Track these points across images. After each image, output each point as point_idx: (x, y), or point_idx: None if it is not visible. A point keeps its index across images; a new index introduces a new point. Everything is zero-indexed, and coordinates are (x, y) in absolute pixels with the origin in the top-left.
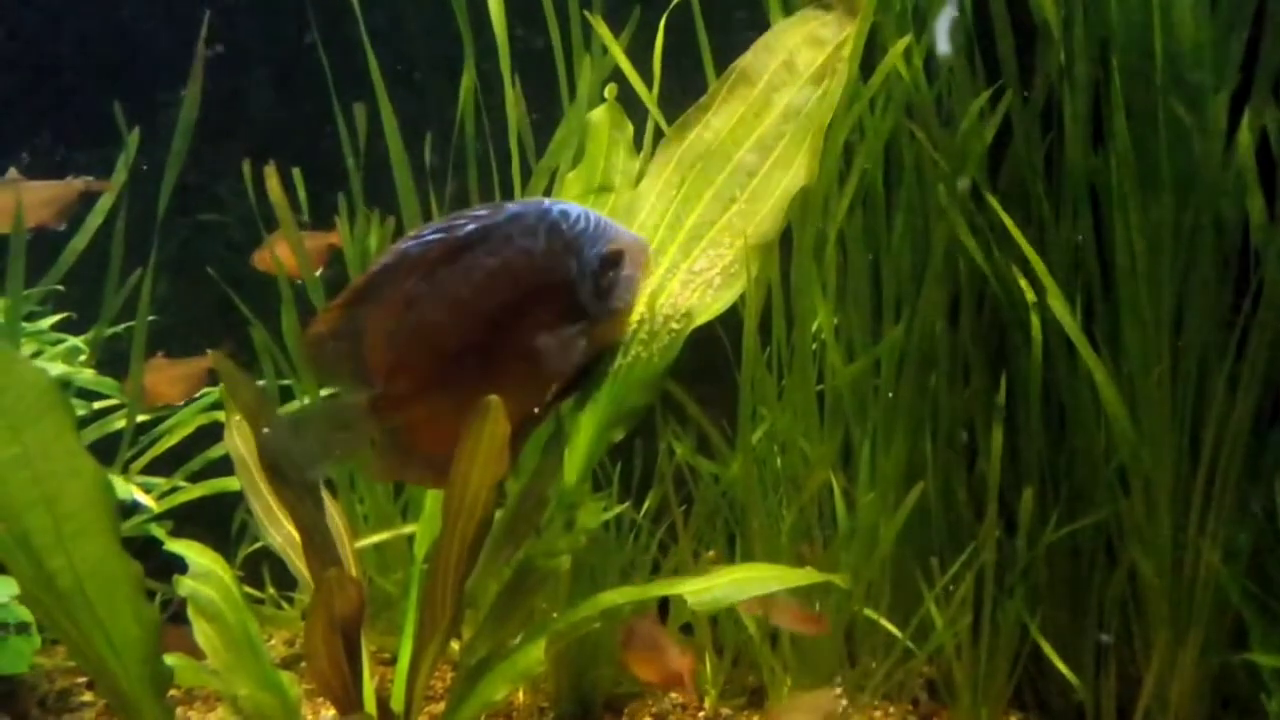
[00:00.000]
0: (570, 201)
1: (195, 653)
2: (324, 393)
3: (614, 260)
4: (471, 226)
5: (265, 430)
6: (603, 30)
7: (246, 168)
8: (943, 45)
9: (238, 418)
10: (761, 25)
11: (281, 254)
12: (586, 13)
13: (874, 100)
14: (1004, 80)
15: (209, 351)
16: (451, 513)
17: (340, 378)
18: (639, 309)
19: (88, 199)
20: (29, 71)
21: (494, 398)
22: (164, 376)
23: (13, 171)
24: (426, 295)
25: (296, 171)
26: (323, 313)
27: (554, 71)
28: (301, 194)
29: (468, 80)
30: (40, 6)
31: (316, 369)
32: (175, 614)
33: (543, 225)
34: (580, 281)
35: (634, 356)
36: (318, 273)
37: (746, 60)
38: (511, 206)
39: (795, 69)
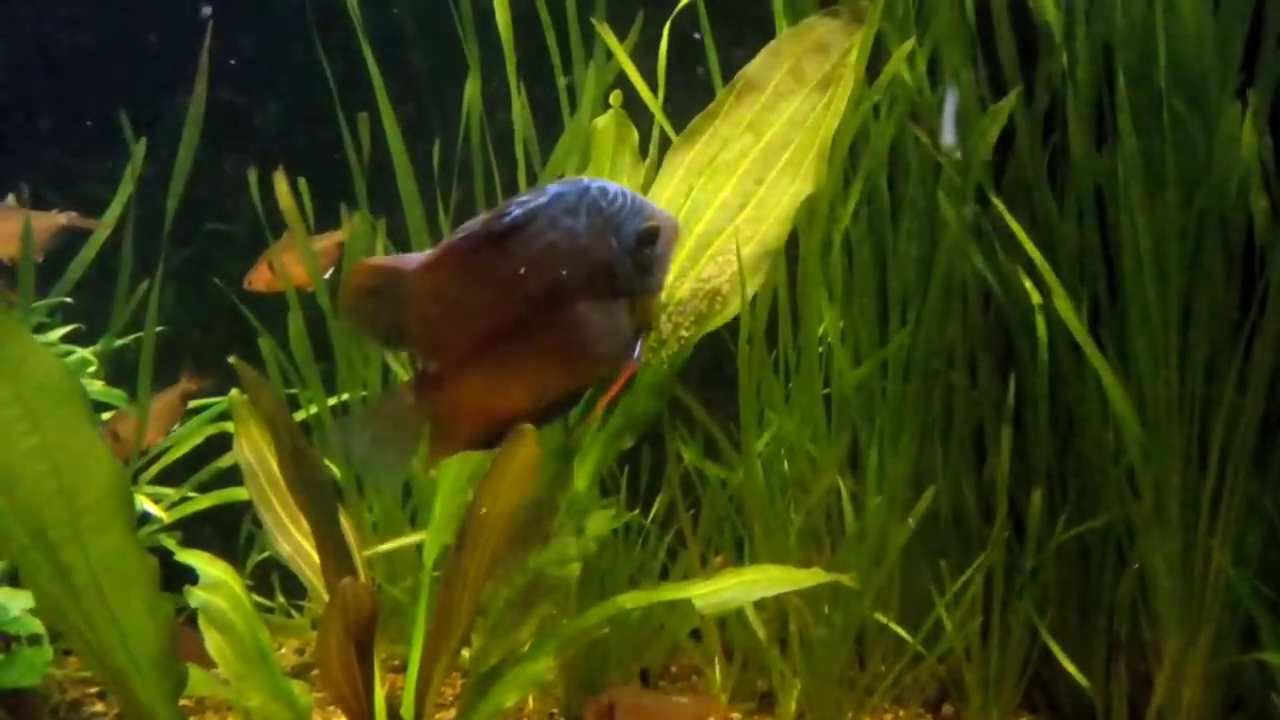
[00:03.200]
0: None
1: (204, 657)
2: (331, 401)
3: (650, 237)
4: (517, 211)
5: (340, 443)
6: (608, 37)
7: (253, 177)
8: (948, 137)
9: (246, 428)
10: (768, 32)
11: (288, 263)
12: (593, 19)
13: (878, 104)
14: (1007, 83)
15: (224, 363)
16: (476, 527)
17: (374, 334)
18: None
19: (95, 205)
20: (30, 79)
21: (527, 426)
22: (136, 423)
23: (11, 199)
24: (475, 279)
25: (303, 181)
26: (362, 265)
27: (553, 78)
28: (308, 203)
29: (473, 86)
30: (41, 11)
31: (351, 320)
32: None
33: (583, 203)
34: (619, 258)
35: (643, 363)
36: (326, 275)
37: (753, 68)
38: (553, 187)
39: (802, 76)
